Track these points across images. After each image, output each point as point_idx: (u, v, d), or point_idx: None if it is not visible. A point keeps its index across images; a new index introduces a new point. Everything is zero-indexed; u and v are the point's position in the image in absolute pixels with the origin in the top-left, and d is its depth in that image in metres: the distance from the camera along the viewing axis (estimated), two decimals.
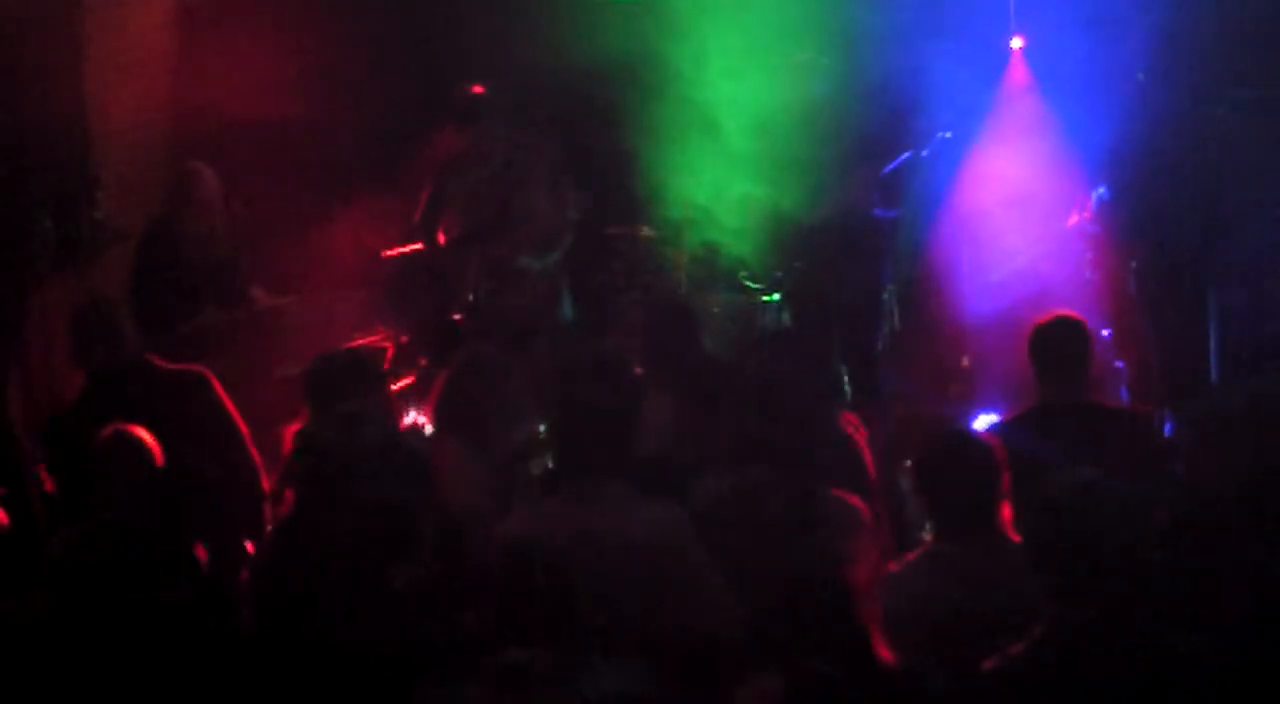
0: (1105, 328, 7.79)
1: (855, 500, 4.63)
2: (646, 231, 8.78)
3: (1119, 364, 7.62)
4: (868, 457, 5.34)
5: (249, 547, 5.43)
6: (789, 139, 8.38)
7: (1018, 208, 8.20)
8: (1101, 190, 7.92)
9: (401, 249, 8.66)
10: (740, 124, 8.29)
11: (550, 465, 5.22)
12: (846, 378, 5.95)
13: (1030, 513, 3.69)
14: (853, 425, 5.47)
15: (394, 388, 7.32)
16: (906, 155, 8.17)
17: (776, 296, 8.50)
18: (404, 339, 8.14)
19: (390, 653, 3.56)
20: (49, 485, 5.93)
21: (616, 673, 2.72)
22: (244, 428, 6.12)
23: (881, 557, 4.42)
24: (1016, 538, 4.04)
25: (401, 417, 6.61)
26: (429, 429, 5.79)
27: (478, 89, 8.54)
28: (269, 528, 5.18)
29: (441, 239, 8.31)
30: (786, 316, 8.36)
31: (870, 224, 8.21)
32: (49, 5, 7.66)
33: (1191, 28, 7.89)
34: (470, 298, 8.18)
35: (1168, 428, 5.93)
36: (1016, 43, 8.54)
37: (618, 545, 4.15)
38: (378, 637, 3.64)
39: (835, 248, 8.34)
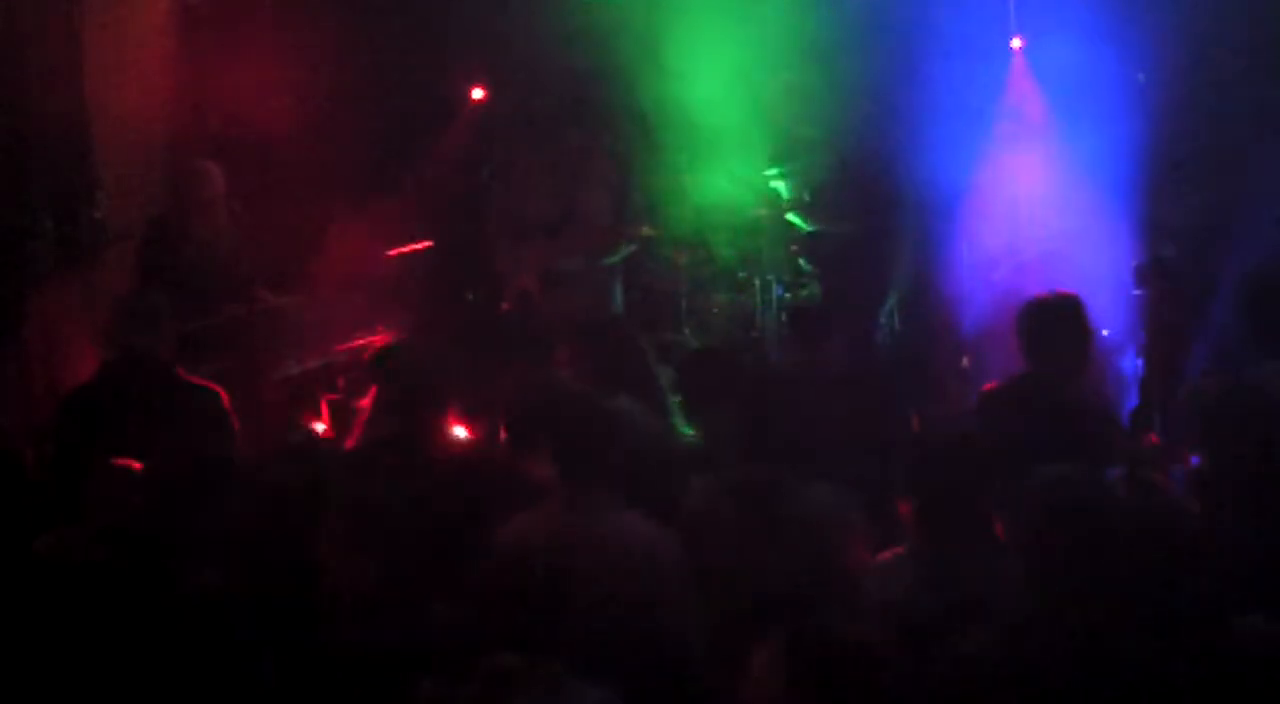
0: (1105, 328, 7.79)
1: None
2: (646, 231, 8.78)
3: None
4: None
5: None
6: (790, 142, 8.39)
7: (1018, 208, 8.21)
8: (1101, 190, 7.93)
9: (403, 249, 8.68)
10: (739, 128, 8.30)
11: None
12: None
13: (1011, 510, 3.67)
14: None
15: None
16: (909, 159, 8.17)
17: (776, 297, 8.51)
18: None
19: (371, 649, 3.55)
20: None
21: (597, 687, 2.71)
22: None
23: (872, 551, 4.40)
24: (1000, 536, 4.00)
25: None
26: None
27: (479, 89, 8.54)
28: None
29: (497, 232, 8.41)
30: (786, 317, 8.36)
31: (872, 227, 8.21)
32: (49, 5, 7.66)
33: (1191, 28, 7.89)
34: (520, 292, 8.26)
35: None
36: (1016, 43, 8.55)
37: (616, 553, 4.14)
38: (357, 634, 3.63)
39: (837, 250, 8.34)
